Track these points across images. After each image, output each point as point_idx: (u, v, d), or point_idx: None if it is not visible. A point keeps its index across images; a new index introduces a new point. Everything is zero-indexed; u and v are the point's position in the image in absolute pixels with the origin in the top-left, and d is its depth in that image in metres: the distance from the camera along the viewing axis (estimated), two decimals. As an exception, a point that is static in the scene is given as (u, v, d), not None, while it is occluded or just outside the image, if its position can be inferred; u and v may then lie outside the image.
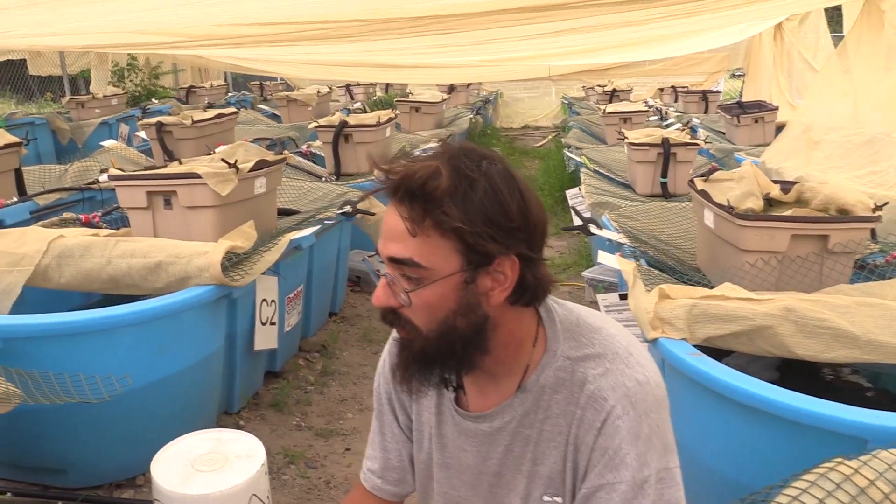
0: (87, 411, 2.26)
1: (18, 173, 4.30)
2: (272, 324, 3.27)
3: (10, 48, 9.38)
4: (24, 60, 11.30)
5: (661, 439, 1.08)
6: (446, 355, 1.08)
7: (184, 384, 2.76)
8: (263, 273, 3.05)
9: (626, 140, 5.04)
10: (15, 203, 4.00)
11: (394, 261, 1.05)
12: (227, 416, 3.19)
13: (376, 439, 1.39)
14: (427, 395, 1.27)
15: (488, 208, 1.01)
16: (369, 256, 5.02)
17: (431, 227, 1.01)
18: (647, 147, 4.80)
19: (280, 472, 2.88)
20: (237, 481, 1.81)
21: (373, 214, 4.26)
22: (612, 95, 10.13)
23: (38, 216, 4.01)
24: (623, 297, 2.96)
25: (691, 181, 3.31)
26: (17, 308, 2.76)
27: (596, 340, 1.14)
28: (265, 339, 3.24)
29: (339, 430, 3.22)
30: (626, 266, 2.71)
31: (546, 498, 1.16)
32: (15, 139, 4.20)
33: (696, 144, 4.85)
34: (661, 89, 11.83)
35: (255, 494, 1.85)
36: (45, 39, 4.13)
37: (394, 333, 1.35)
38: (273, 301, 3.25)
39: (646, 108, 7.74)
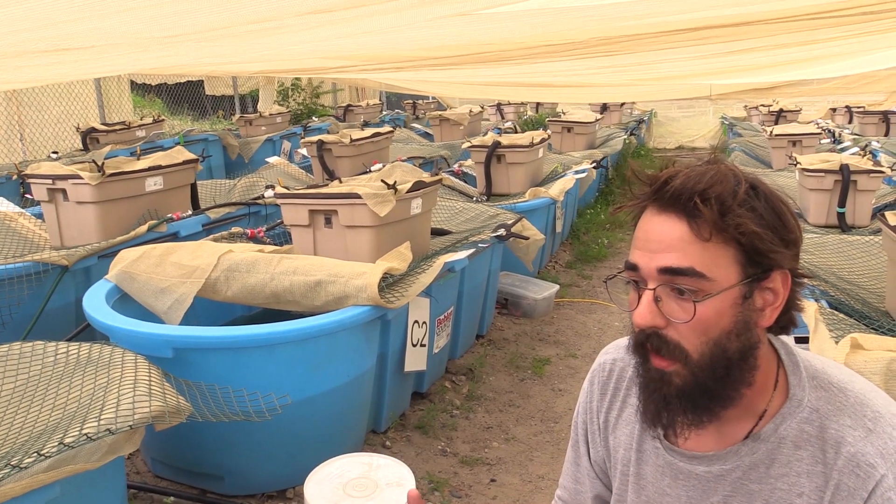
0: (244, 424, 2.32)
1: (193, 188, 4.59)
2: (422, 345, 3.27)
3: (194, 74, 10.19)
4: (202, 81, 12.27)
5: None
6: (718, 384, 0.99)
7: (336, 402, 2.80)
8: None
9: (797, 165, 4.68)
10: (189, 216, 4.27)
11: (670, 272, 0.97)
12: (374, 435, 3.20)
13: (570, 469, 1.35)
14: (625, 430, 1.20)
15: (771, 216, 0.98)
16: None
17: (718, 232, 0.95)
18: (822, 174, 4.44)
19: (424, 498, 2.83)
20: (385, 510, 1.79)
21: (526, 238, 4.19)
22: (779, 116, 9.56)
23: (209, 229, 4.26)
24: (799, 340, 2.71)
25: (881, 215, 3.00)
26: (187, 318, 2.91)
27: (850, 394, 1.01)
28: (415, 360, 3.24)
29: (485, 458, 3.16)
30: (806, 307, 2.48)
31: None
32: (192, 156, 4.48)
33: (882, 172, 4.42)
34: (834, 109, 11.00)
35: (402, 523, 1.82)
36: (226, 66, 4.40)
37: (599, 364, 1.27)
38: (424, 323, 3.25)
39: (817, 131, 7.20)
